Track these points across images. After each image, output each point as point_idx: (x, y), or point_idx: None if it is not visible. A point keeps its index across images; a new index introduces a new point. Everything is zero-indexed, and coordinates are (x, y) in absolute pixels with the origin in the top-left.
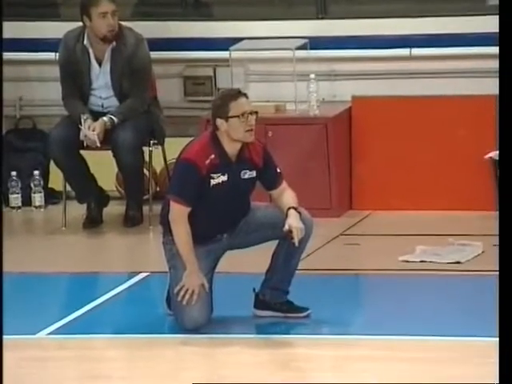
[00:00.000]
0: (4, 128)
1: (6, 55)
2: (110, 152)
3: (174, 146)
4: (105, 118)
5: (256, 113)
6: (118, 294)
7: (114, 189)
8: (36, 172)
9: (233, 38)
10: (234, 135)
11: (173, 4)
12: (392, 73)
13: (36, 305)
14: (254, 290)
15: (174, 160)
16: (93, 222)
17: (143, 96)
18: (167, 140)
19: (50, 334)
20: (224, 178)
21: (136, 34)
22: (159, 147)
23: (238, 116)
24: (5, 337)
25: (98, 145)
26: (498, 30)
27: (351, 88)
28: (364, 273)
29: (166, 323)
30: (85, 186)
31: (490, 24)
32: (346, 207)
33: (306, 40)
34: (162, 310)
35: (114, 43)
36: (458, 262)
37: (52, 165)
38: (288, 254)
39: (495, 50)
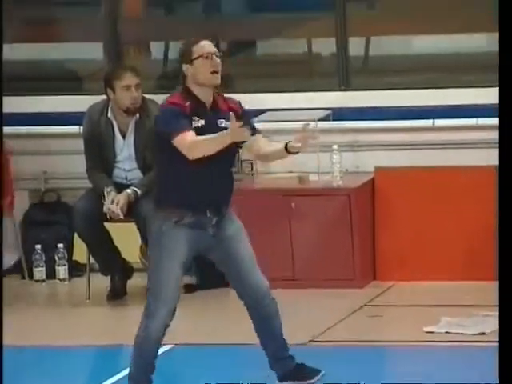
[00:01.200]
0: (29, 201)
1: (31, 129)
2: (133, 224)
3: None
4: (128, 191)
5: (217, 53)
6: None
7: (138, 260)
8: (60, 245)
9: (255, 109)
10: (199, 78)
11: None
12: (415, 143)
13: (60, 378)
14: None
15: None
16: (117, 294)
17: None
18: None
19: None
20: (202, 122)
21: (159, 106)
22: None
23: (200, 56)
24: None
25: (122, 217)
26: None
27: (374, 159)
28: (388, 344)
29: None
30: (109, 258)
31: None
32: (370, 278)
33: (329, 111)
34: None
35: (138, 115)
36: (483, 333)
37: (76, 237)
38: (265, 319)
39: None
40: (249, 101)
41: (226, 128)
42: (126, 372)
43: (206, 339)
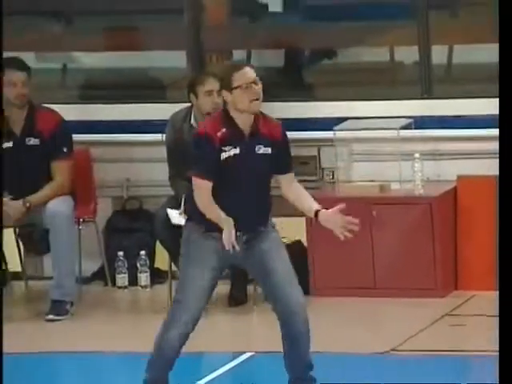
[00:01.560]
0: (112, 208)
1: (114, 137)
2: None
3: (279, 226)
4: None
5: (260, 83)
6: (223, 373)
7: None
8: (142, 252)
9: (336, 117)
10: (239, 106)
11: (277, 85)
12: (496, 152)
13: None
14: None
15: (284, 239)
16: None
17: None
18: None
19: None
20: (236, 150)
21: None
22: None
23: (240, 86)
24: None
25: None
26: None
27: (455, 167)
28: (470, 354)
29: None
30: None
31: None
32: (451, 287)
33: (411, 119)
34: None
35: None
36: None
37: (158, 245)
38: (292, 337)
39: None
40: (330, 109)
41: (264, 155)
42: (206, 379)
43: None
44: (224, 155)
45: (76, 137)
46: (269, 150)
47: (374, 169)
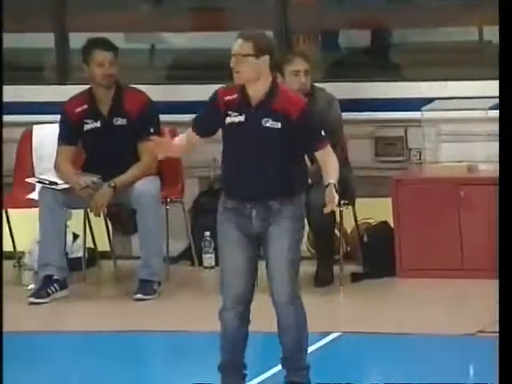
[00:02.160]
0: (198, 189)
1: None
2: None
3: (365, 207)
4: None
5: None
6: (310, 353)
7: (305, 249)
8: (207, 233)
9: (423, 98)
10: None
11: (364, 65)
12: None
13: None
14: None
15: (365, 221)
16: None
17: (334, 156)
18: (358, 200)
19: None
20: (241, 118)
21: (328, 94)
22: (350, 207)
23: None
24: None
25: None
26: None
27: None
28: None
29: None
30: None
31: None
32: None
33: None
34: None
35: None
36: None
37: None
38: (280, 324)
39: None
40: (418, 89)
41: (271, 129)
42: None
43: (372, 328)
44: (228, 120)
45: (163, 117)
46: (278, 125)
47: (461, 149)
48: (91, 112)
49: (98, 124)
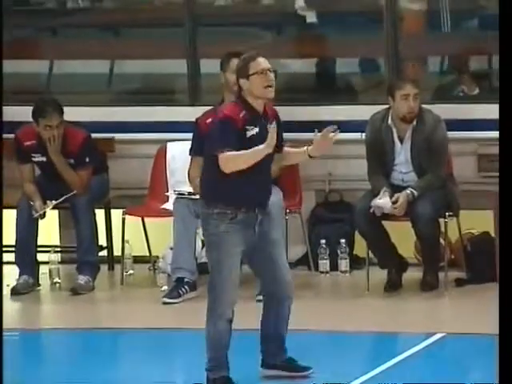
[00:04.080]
0: (315, 201)
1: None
2: (409, 222)
3: (469, 218)
4: (407, 191)
5: (275, 71)
6: (416, 352)
7: (413, 256)
8: (342, 240)
9: None
10: (255, 91)
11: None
12: None
13: (340, 359)
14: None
15: (468, 231)
16: (393, 286)
17: (440, 172)
18: (462, 212)
19: None
20: (256, 129)
21: (435, 115)
22: (454, 219)
23: (257, 73)
24: None
25: (384, 211)
26: None
27: None
28: None
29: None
30: (386, 253)
31: None
32: None
33: None
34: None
35: (415, 123)
36: None
37: (357, 234)
38: (275, 314)
39: None
40: None
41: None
42: (401, 357)
43: (475, 329)
44: (248, 133)
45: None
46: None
47: None
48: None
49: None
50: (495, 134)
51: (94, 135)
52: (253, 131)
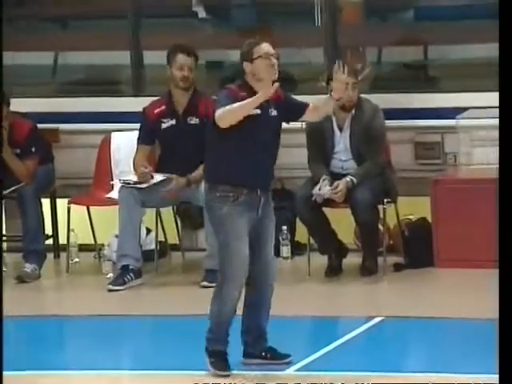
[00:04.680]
0: None
1: None
2: (348, 209)
3: (406, 204)
4: (347, 179)
5: (278, 57)
6: (356, 336)
7: (352, 242)
8: (284, 227)
9: (458, 107)
10: (258, 74)
11: (403, 79)
12: None
13: (282, 343)
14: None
15: (406, 217)
16: (334, 271)
17: (379, 159)
18: (400, 199)
19: (297, 370)
20: (257, 110)
21: (373, 104)
22: (392, 205)
23: (260, 56)
24: None
25: (324, 198)
26: None
27: None
28: None
29: (398, 362)
30: (326, 239)
31: None
32: None
33: None
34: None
35: (354, 112)
36: None
37: (298, 221)
38: (255, 303)
39: None
40: (453, 100)
41: (275, 117)
42: (342, 340)
43: (412, 312)
44: (250, 112)
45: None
46: (276, 113)
47: (492, 153)
48: (168, 111)
49: (174, 122)
50: (431, 122)
51: (39, 126)
52: (252, 111)
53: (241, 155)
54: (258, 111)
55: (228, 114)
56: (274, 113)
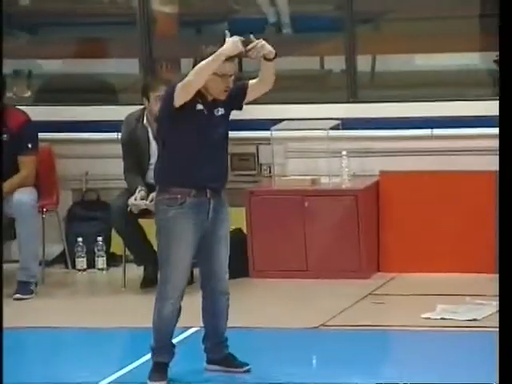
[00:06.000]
0: (72, 200)
1: (75, 135)
2: None
3: None
4: None
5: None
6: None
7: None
8: (99, 238)
9: (273, 119)
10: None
11: None
12: (415, 150)
13: (98, 356)
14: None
15: None
16: (149, 283)
17: None
18: None
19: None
20: (202, 106)
21: None
22: None
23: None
24: None
25: (140, 209)
26: None
27: (379, 164)
28: (390, 329)
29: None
30: (142, 250)
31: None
32: (374, 270)
33: (339, 121)
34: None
35: None
36: (475, 320)
37: (113, 232)
38: (210, 307)
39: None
40: (267, 111)
41: (221, 115)
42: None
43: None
44: (197, 107)
45: (41, 135)
46: (223, 111)
47: (306, 165)
48: None
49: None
50: (246, 133)
51: None
52: (200, 106)
53: (187, 156)
54: (202, 107)
55: (193, 77)
56: (221, 111)
